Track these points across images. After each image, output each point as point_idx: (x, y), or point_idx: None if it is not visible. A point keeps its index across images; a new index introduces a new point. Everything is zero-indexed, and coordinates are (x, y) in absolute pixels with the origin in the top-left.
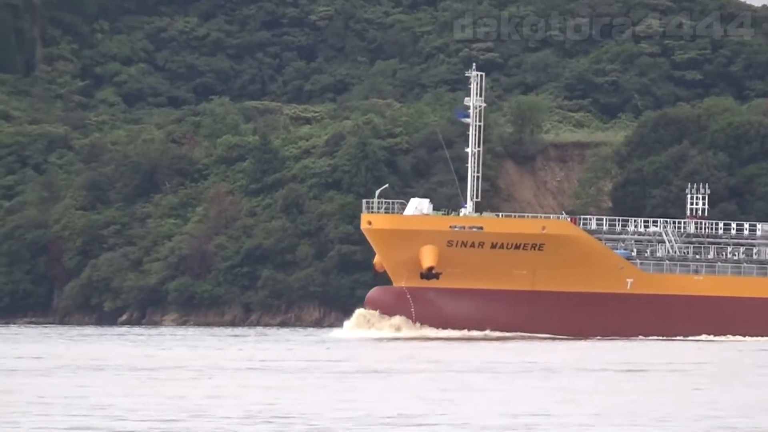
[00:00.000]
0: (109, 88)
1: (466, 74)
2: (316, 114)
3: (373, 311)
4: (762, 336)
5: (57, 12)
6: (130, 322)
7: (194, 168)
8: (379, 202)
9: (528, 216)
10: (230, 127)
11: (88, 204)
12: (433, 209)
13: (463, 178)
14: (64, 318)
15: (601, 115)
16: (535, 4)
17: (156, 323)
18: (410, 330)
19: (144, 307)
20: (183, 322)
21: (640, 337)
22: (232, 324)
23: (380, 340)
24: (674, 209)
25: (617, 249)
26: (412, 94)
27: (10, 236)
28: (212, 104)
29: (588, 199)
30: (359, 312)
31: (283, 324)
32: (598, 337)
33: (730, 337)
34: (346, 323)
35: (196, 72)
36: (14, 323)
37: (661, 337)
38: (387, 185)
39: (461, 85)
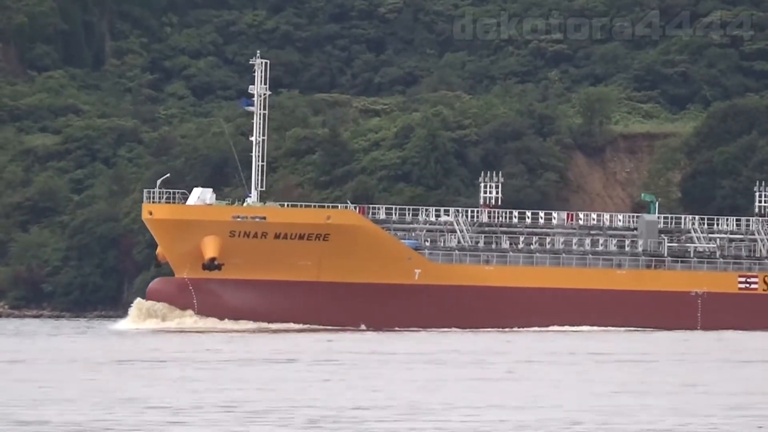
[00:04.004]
0: (179, 82)
1: (251, 62)
2: (385, 106)
3: (153, 302)
4: (553, 326)
5: (126, 6)
6: None
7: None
8: (160, 192)
9: (313, 206)
10: (299, 119)
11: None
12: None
13: (531, 170)
14: None
15: (670, 106)
16: None
17: None
18: (183, 321)
19: None
20: None
21: (432, 329)
22: None
23: (157, 331)
24: (743, 200)
25: (406, 239)
26: (481, 86)
27: (80, 230)
28: (281, 97)
29: (657, 190)
30: (138, 303)
31: None
32: (387, 329)
33: (518, 329)
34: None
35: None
36: (84, 317)
37: (449, 329)
38: (168, 175)
39: (531, 77)
